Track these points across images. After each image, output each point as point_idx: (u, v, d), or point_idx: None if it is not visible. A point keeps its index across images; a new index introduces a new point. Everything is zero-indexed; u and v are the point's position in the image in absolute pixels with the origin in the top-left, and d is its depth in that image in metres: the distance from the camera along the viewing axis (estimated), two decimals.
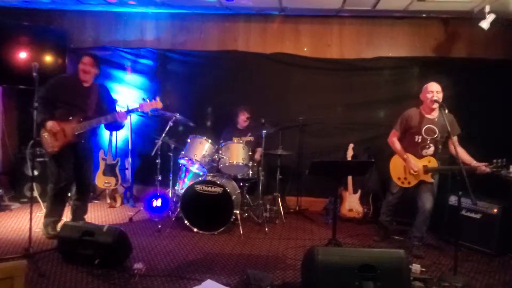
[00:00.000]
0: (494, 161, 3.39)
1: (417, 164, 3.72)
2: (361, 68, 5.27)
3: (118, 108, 4.25)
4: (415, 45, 5.20)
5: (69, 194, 4.06)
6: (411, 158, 3.75)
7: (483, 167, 3.42)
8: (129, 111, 3.99)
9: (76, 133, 3.74)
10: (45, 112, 3.65)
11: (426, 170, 3.67)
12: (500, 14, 4.31)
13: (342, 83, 5.33)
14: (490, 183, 3.87)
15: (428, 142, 3.71)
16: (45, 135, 3.71)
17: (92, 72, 3.83)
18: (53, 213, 3.91)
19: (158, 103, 3.99)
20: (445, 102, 3.60)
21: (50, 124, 3.65)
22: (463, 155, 3.57)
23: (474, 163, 3.51)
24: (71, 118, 3.72)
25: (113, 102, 4.26)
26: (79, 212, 4.09)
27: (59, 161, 3.79)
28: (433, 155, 3.74)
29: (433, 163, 3.69)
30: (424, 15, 4.97)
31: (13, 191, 5.11)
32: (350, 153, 5.00)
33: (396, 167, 3.89)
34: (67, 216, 4.12)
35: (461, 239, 3.75)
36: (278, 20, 5.39)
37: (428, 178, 3.70)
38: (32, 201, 3.52)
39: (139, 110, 3.95)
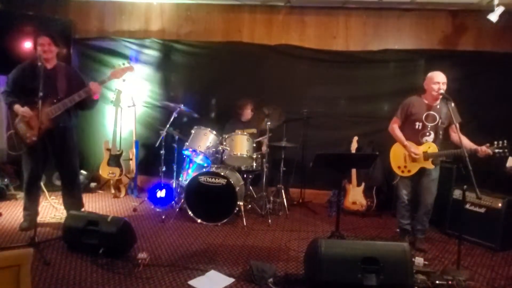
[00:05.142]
0: (495, 142, 3.36)
1: (417, 149, 3.67)
2: (367, 60, 5.22)
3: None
4: (421, 38, 5.14)
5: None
6: (411, 144, 3.69)
7: (484, 147, 3.37)
8: (101, 82, 3.77)
9: (51, 117, 3.55)
10: (12, 98, 3.54)
11: (426, 156, 3.61)
12: (509, 7, 4.25)
13: (347, 75, 5.29)
14: (495, 177, 3.84)
15: (429, 129, 3.65)
16: (19, 126, 3.55)
17: (52, 50, 3.63)
18: (28, 207, 3.79)
19: (129, 67, 3.84)
20: (452, 96, 3.56)
21: (22, 109, 3.48)
22: (465, 141, 3.50)
23: (475, 146, 3.46)
24: (42, 103, 3.33)
25: (82, 80, 3.87)
26: (72, 207, 3.84)
27: (31, 153, 3.64)
28: (433, 142, 3.68)
29: (433, 148, 3.63)
30: (431, 7, 4.91)
31: (19, 180, 5.13)
32: (354, 146, 4.97)
33: (396, 156, 3.81)
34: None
35: (464, 233, 3.73)
36: (283, 11, 5.34)
37: (429, 164, 3.64)
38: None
39: (111, 78, 3.80)
